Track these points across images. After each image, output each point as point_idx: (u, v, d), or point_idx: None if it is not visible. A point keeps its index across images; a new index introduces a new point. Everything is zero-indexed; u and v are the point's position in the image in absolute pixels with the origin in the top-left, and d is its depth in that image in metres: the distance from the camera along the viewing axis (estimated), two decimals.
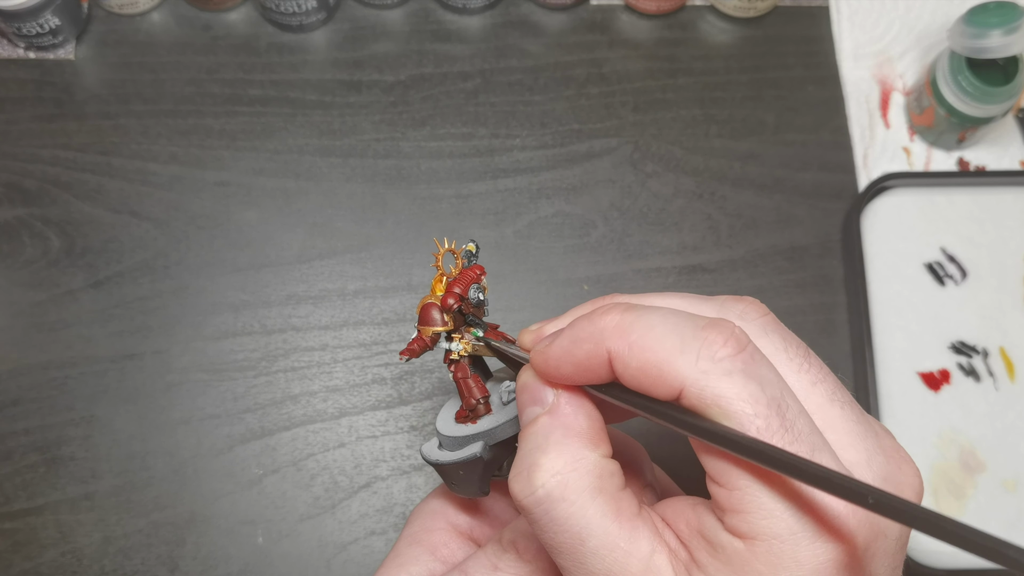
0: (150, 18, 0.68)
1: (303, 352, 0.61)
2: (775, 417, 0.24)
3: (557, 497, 0.26)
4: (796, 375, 0.27)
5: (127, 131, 0.65)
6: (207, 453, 0.59)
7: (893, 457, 0.27)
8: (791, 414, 0.25)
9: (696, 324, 0.26)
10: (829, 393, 0.27)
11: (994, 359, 0.62)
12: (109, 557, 0.57)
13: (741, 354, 0.25)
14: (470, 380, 0.34)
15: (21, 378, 0.60)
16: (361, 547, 0.58)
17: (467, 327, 0.34)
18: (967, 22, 0.60)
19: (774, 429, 0.24)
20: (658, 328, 0.26)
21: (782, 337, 0.27)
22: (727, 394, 0.25)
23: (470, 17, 0.69)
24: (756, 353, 0.26)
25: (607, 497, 0.27)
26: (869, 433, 0.27)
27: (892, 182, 0.64)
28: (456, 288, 0.33)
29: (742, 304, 0.28)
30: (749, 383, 0.25)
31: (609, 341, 0.27)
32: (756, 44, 0.69)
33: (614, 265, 0.64)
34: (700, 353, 0.25)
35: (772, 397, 0.25)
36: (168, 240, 0.63)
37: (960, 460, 0.60)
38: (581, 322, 0.28)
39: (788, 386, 0.26)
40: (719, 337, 0.25)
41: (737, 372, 0.25)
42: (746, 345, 0.25)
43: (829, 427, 0.26)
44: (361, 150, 0.66)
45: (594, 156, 0.66)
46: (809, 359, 0.27)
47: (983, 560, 0.18)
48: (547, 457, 0.27)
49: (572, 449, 0.27)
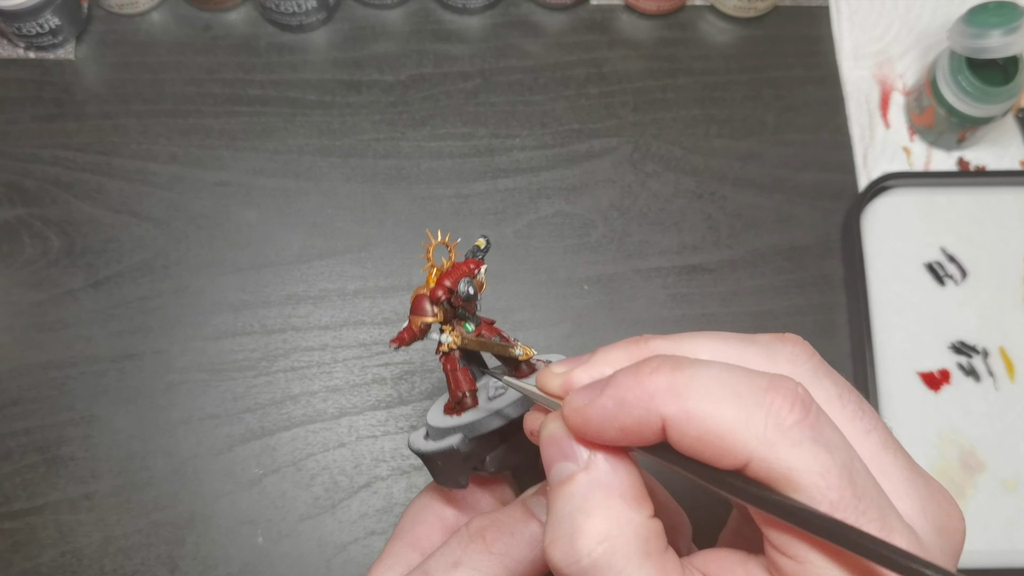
0: (150, 18, 0.68)
1: (303, 352, 0.61)
2: (847, 488, 0.23)
3: (605, 566, 0.25)
4: (851, 423, 0.26)
5: (127, 131, 0.65)
6: (207, 453, 0.59)
7: (943, 504, 0.26)
8: (861, 480, 0.24)
9: (757, 386, 0.24)
10: (883, 440, 0.26)
11: (994, 359, 0.62)
12: (109, 557, 0.57)
13: (808, 418, 0.24)
14: (458, 372, 0.34)
15: (21, 378, 0.60)
16: (361, 547, 0.58)
17: (459, 320, 0.34)
18: (967, 22, 0.60)
19: (847, 501, 0.23)
20: (716, 392, 0.24)
21: (834, 383, 0.26)
22: (798, 466, 0.23)
23: (470, 17, 0.69)
24: (821, 415, 0.24)
25: (655, 560, 0.25)
26: (920, 480, 0.26)
27: (892, 182, 0.64)
28: (446, 281, 0.33)
29: (789, 346, 0.27)
30: (820, 453, 0.23)
31: (663, 407, 0.24)
32: (756, 44, 0.69)
33: (614, 265, 0.64)
34: (767, 423, 0.24)
35: (843, 464, 0.24)
36: (168, 240, 0.63)
37: (960, 460, 0.60)
38: (626, 381, 0.25)
39: (851, 445, 0.24)
40: (784, 402, 0.24)
41: (807, 441, 0.23)
42: (811, 407, 0.24)
43: (883, 475, 0.25)
44: (361, 150, 0.65)
45: (594, 156, 0.66)
46: (862, 405, 0.26)
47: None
48: (591, 521, 0.25)
49: (616, 511, 0.25)
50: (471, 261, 0.34)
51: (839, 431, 0.24)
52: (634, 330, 0.62)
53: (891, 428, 0.27)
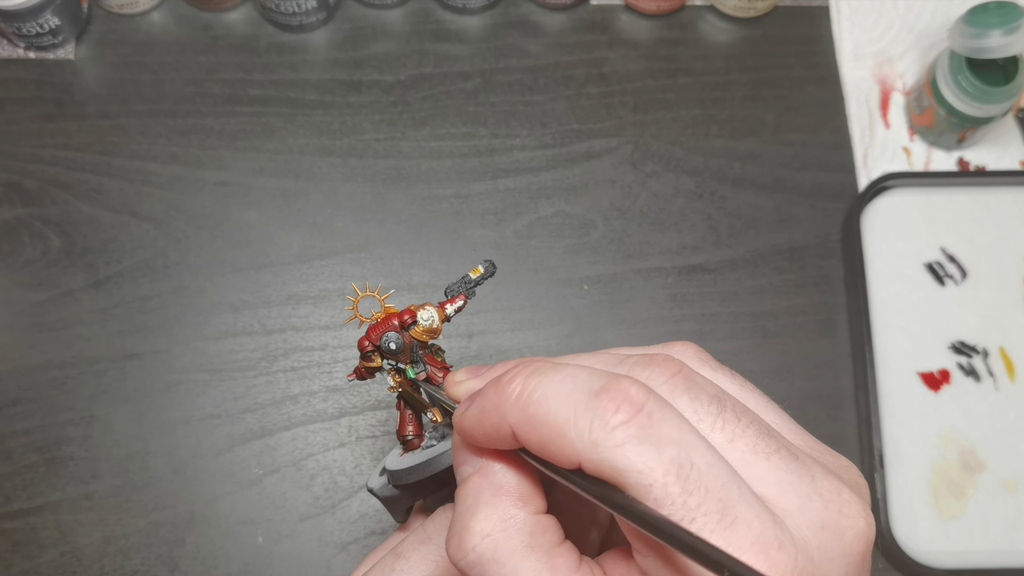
0: (150, 18, 0.68)
1: (303, 352, 0.61)
2: (674, 484, 0.23)
3: (488, 559, 0.26)
4: (711, 435, 0.26)
5: (127, 131, 0.65)
6: (207, 453, 0.59)
7: (833, 500, 0.25)
8: (696, 475, 0.24)
9: (590, 389, 0.25)
10: (751, 446, 0.26)
11: (994, 359, 0.62)
12: (109, 557, 0.57)
13: (636, 417, 0.24)
14: (404, 413, 0.35)
15: (21, 378, 0.60)
16: (361, 547, 0.58)
17: (410, 363, 0.34)
18: (967, 22, 0.60)
19: (673, 496, 0.23)
20: (553, 397, 0.25)
21: (690, 398, 0.26)
22: (621, 466, 0.24)
23: (470, 17, 0.69)
24: (655, 411, 0.24)
25: (541, 554, 0.26)
26: (804, 479, 0.26)
27: (892, 182, 0.64)
28: (371, 334, 0.34)
29: (651, 367, 0.27)
30: (644, 451, 0.24)
31: (510, 414, 0.26)
32: (756, 44, 0.69)
33: (614, 265, 0.64)
34: (592, 424, 0.24)
35: (671, 460, 0.24)
36: (168, 240, 0.63)
37: (960, 460, 0.60)
38: (488, 390, 0.27)
39: (697, 440, 0.25)
40: (611, 403, 0.24)
41: (631, 440, 0.24)
42: (642, 405, 0.24)
43: (757, 480, 0.25)
44: (361, 150, 0.65)
45: (594, 156, 0.66)
46: (723, 414, 0.26)
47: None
48: (476, 519, 0.27)
49: (501, 509, 0.27)
50: (406, 311, 0.34)
51: (681, 427, 0.25)
52: (634, 330, 0.62)
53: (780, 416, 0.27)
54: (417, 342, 0.34)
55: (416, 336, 0.34)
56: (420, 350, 0.34)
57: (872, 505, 0.62)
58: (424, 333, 0.34)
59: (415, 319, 0.33)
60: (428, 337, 0.34)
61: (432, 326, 0.34)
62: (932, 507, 0.59)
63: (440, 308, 0.34)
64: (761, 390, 0.29)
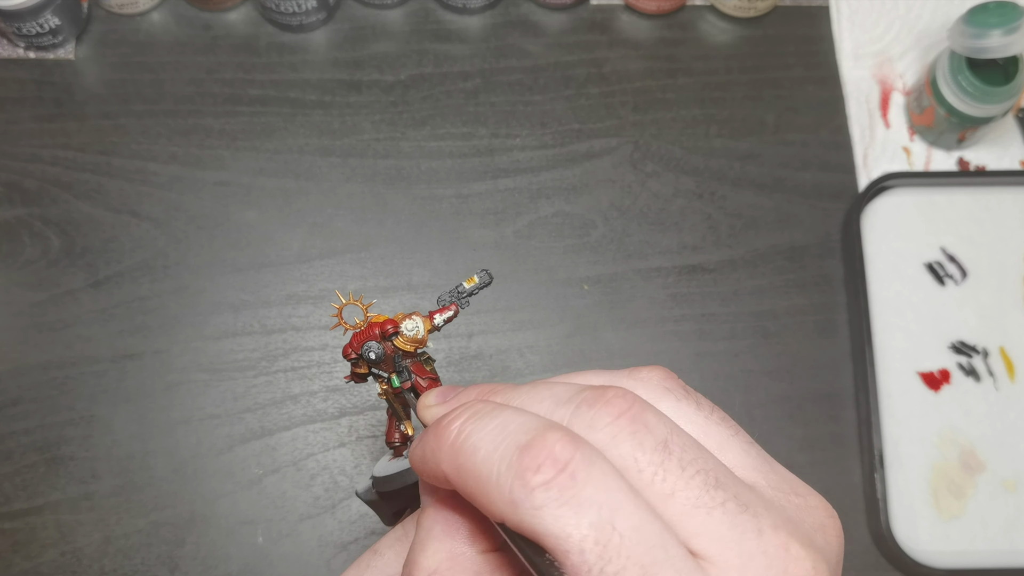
0: (150, 18, 0.68)
1: (303, 352, 0.61)
2: (591, 549, 0.23)
3: None
4: (650, 487, 0.24)
5: (127, 131, 0.65)
6: (207, 453, 0.59)
7: (778, 557, 0.24)
8: (616, 539, 0.23)
9: (516, 444, 0.24)
10: (693, 499, 0.24)
11: (994, 359, 0.62)
12: (109, 557, 0.57)
13: (558, 478, 0.23)
14: (393, 420, 0.35)
15: (21, 378, 0.60)
16: (361, 547, 0.58)
17: (394, 372, 0.34)
18: (967, 22, 0.60)
19: (590, 563, 0.22)
20: (481, 450, 0.24)
21: (632, 445, 0.25)
22: (538, 529, 0.23)
23: (470, 17, 0.69)
24: (580, 471, 0.23)
25: None
26: (748, 534, 0.24)
27: (892, 182, 0.64)
28: (354, 343, 0.34)
29: (597, 405, 0.25)
30: (563, 515, 0.23)
31: (443, 462, 0.25)
32: (756, 44, 0.69)
33: (614, 265, 0.64)
34: (513, 484, 0.23)
35: (590, 525, 0.23)
36: (168, 240, 0.63)
37: (960, 460, 0.60)
38: (429, 433, 0.26)
39: (624, 500, 0.23)
40: (533, 462, 0.23)
41: (550, 503, 0.23)
42: (566, 464, 0.23)
43: (695, 535, 0.24)
44: (361, 150, 0.66)
45: (594, 156, 0.66)
46: (665, 463, 0.24)
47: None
48: (424, 555, 0.26)
49: (449, 546, 0.26)
50: (388, 321, 0.33)
51: (609, 487, 0.24)
52: (634, 330, 0.62)
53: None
54: (402, 352, 0.33)
55: (400, 346, 0.33)
56: (406, 360, 0.33)
57: (872, 505, 0.62)
58: (408, 343, 0.33)
59: (397, 329, 0.33)
60: (413, 347, 0.33)
61: (416, 336, 0.33)
62: (932, 507, 0.59)
63: (428, 318, 0.33)
64: (734, 422, 0.27)
